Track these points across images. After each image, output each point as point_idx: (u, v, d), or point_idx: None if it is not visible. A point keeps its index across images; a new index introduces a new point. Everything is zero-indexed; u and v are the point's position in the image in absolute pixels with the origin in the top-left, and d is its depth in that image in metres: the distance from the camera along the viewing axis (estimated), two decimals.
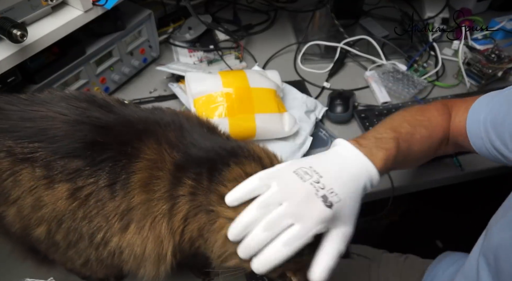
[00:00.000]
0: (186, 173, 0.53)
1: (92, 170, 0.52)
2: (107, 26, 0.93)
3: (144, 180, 0.53)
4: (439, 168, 0.92)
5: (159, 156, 0.53)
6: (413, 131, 0.64)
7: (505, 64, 1.06)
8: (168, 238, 0.54)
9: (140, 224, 0.53)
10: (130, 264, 0.57)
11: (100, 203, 0.52)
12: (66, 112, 0.55)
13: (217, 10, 1.29)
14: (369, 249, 0.96)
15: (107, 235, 0.54)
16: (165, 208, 0.53)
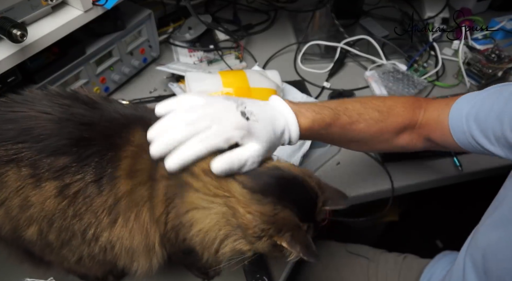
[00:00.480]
0: None
1: (79, 166, 0.52)
2: (107, 26, 0.93)
3: (129, 167, 0.53)
4: (439, 168, 0.92)
5: (142, 144, 0.53)
6: (363, 111, 0.65)
7: (505, 64, 1.06)
8: (153, 228, 0.55)
9: (126, 216, 0.54)
10: (123, 258, 0.57)
11: (88, 199, 0.52)
12: (49, 111, 0.54)
13: (217, 10, 1.29)
14: (368, 248, 0.96)
15: (97, 231, 0.54)
16: (146, 194, 0.54)
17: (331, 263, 0.94)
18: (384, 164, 0.92)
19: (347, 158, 0.93)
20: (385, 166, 0.92)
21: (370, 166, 0.92)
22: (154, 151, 0.52)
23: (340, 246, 0.97)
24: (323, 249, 0.97)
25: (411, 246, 0.99)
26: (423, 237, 1.58)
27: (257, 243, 0.50)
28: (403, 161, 0.93)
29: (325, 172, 0.90)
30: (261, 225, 0.49)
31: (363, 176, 0.90)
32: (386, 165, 0.92)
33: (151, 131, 0.52)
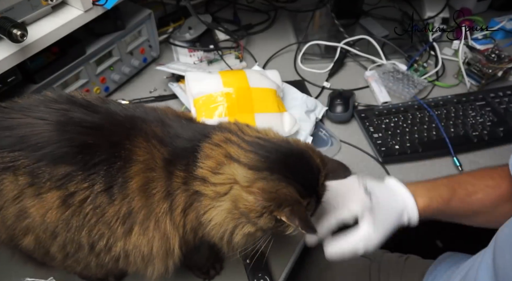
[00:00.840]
0: (176, 165, 0.54)
1: (85, 174, 0.50)
2: (107, 26, 0.93)
3: (141, 184, 0.52)
4: (439, 168, 0.92)
5: (150, 154, 0.53)
6: (475, 181, 0.67)
7: (505, 64, 1.06)
8: (173, 233, 0.55)
9: (144, 226, 0.53)
10: (138, 265, 0.56)
11: (99, 210, 0.51)
12: (46, 117, 0.53)
13: (217, 10, 1.29)
14: None
15: (110, 241, 0.53)
16: (166, 206, 0.54)
17: (333, 263, 0.94)
18: (384, 164, 0.92)
19: (347, 158, 0.93)
20: (385, 165, 0.92)
21: (370, 165, 0.92)
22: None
23: None
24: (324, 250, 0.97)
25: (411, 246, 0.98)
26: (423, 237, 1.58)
27: (260, 221, 0.52)
28: (403, 161, 0.93)
29: None
30: (263, 203, 0.50)
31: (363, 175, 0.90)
32: (386, 165, 0.92)
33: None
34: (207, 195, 0.53)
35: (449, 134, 0.95)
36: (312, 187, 0.54)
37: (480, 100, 1.03)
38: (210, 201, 0.53)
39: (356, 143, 0.96)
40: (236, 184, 0.52)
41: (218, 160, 0.53)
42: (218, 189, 0.53)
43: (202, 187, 0.53)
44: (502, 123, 0.98)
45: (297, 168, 0.53)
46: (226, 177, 0.53)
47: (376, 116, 0.99)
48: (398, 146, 0.93)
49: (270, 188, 0.51)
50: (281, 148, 0.54)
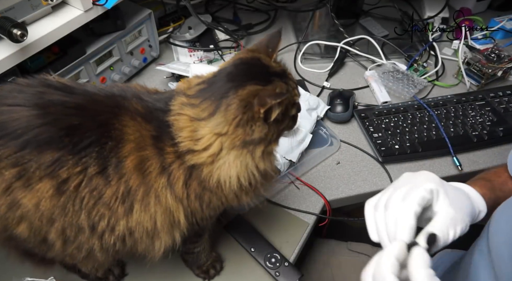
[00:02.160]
0: (164, 141, 0.54)
1: (76, 158, 0.49)
2: (107, 25, 0.93)
3: (136, 163, 0.52)
4: (439, 168, 0.92)
5: (139, 132, 0.53)
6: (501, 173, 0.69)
7: (505, 64, 1.06)
8: (176, 206, 0.55)
9: (144, 202, 0.53)
10: (144, 241, 0.56)
11: (96, 192, 0.51)
12: (21, 102, 0.50)
13: (217, 10, 1.29)
14: (369, 247, 0.96)
15: (112, 221, 0.53)
16: (164, 181, 0.54)
17: (333, 261, 0.94)
18: (383, 164, 0.92)
19: (347, 158, 0.94)
20: (384, 165, 0.92)
21: (369, 165, 0.92)
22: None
23: (341, 245, 0.98)
24: (324, 247, 0.97)
25: None
26: None
27: (256, 136, 0.53)
28: (402, 161, 0.93)
29: (325, 171, 0.91)
30: (244, 123, 0.51)
31: (363, 175, 0.90)
32: (386, 165, 0.92)
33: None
34: (203, 163, 0.53)
35: (448, 134, 0.95)
36: (265, 74, 0.55)
37: (479, 100, 1.03)
38: (211, 166, 0.53)
39: (356, 143, 0.96)
40: (219, 136, 0.52)
41: (188, 127, 0.53)
42: (210, 152, 0.53)
43: (194, 158, 0.53)
44: (501, 123, 0.98)
45: (237, 74, 0.54)
46: (207, 138, 0.53)
47: (376, 116, 0.99)
48: (398, 146, 0.93)
49: (234, 105, 0.51)
50: (218, 74, 0.56)
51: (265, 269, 0.74)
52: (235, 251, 0.77)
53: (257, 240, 0.77)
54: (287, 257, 0.76)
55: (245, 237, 0.77)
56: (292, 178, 0.88)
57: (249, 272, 0.74)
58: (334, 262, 0.94)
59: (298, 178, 0.88)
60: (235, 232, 0.78)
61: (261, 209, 0.83)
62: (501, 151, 0.95)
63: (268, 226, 0.80)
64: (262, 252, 0.75)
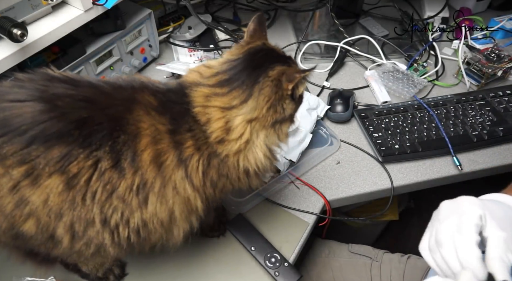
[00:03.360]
0: (181, 134, 0.54)
1: (87, 151, 0.48)
2: (107, 25, 0.93)
3: (153, 156, 0.52)
4: (439, 167, 0.92)
5: (154, 127, 0.53)
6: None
7: (505, 64, 1.06)
8: (194, 195, 0.56)
9: (160, 194, 0.53)
10: (158, 231, 0.56)
11: (110, 186, 0.50)
12: (22, 98, 0.48)
13: (217, 10, 1.29)
14: (370, 249, 0.96)
15: (126, 213, 0.52)
16: (181, 173, 0.54)
17: (334, 262, 0.94)
18: (383, 163, 0.92)
19: (347, 158, 0.94)
20: (384, 165, 0.92)
21: (370, 165, 0.92)
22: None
23: (342, 246, 0.97)
24: (324, 248, 0.97)
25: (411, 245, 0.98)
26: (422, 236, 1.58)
27: (287, 113, 0.58)
28: (403, 160, 0.93)
29: (325, 171, 0.91)
30: (276, 102, 0.56)
31: (363, 175, 0.90)
32: (386, 164, 0.92)
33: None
34: (233, 151, 0.56)
35: (448, 134, 0.95)
36: (279, 56, 0.59)
37: (479, 100, 1.03)
38: (242, 153, 0.57)
39: (356, 143, 0.96)
40: (250, 122, 0.55)
41: (221, 118, 0.55)
42: (243, 139, 0.55)
43: (227, 148, 0.56)
44: (501, 122, 0.98)
45: (260, 60, 0.57)
46: (241, 127, 0.55)
47: (376, 116, 0.99)
48: (397, 146, 0.93)
49: (267, 88, 0.55)
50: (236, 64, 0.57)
51: (265, 268, 0.74)
52: (235, 250, 0.77)
53: (258, 239, 0.77)
54: (287, 256, 0.76)
55: (245, 236, 0.78)
56: (292, 177, 0.88)
57: (249, 272, 0.74)
58: (335, 264, 0.94)
59: (298, 177, 0.88)
60: (236, 231, 0.79)
61: (261, 209, 0.83)
62: (501, 150, 0.96)
63: (268, 226, 0.80)
64: (262, 251, 0.75)
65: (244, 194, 0.80)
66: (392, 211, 1.27)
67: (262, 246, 0.76)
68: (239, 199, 0.80)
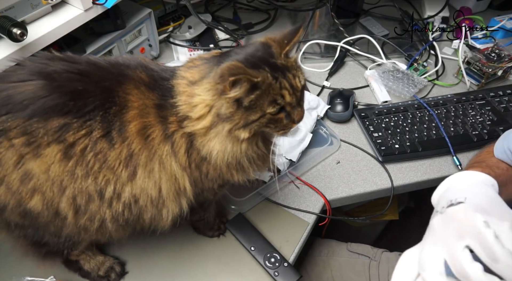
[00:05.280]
0: (167, 109, 0.55)
1: (81, 121, 0.50)
2: (107, 25, 0.93)
3: (139, 128, 0.53)
4: (439, 167, 0.92)
5: (142, 101, 0.54)
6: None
7: (505, 63, 1.06)
8: (181, 173, 0.56)
9: (147, 168, 0.54)
10: (150, 210, 0.57)
11: (101, 155, 0.51)
12: (25, 77, 0.51)
13: (217, 9, 1.29)
14: (369, 248, 0.96)
15: (118, 187, 0.53)
16: (168, 148, 0.54)
17: (332, 262, 0.94)
18: (383, 163, 0.92)
19: (347, 157, 0.94)
20: (384, 165, 0.92)
21: (370, 165, 0.92)
22: None
23: (341, 245, 0.98)
24: (324, 248, 0.97)
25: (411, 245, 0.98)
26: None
27: (222, 111, 0.52)
28: (403, 160, 0.93)
29: (325, 170, 0.91)
30: (219, 94, 0.51)
31: (363, 175, 0.90)
32: (386, 164, 0.92)
33: None
34: (198, 133, 0.54)
35: (449, 133, 0.95)
36: (262, 60, 0.52)
37: (480, 100, 1.03)
38: (204, 137, 0.54)
39: (356, 142, 0.96)
40: (211, 108, 0.52)
41: (185, 91, 0.54)
42: (204, 123, 0.53)
43: (190, 126, 0.54)
44: (501, 122, 0.98)
45: (239, 52, 0.54)
46: (200, 107, 0.53)
47: (376, 116, 0.99)
48: (398, 145, 0.93)
49: (216, 74, 0.50)
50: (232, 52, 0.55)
51: (265, 268, 0.74)
52: (235, 249, 0.77)
53: (257, 239, 0.77)
54: (287, 256, 0.76)
55: (245, 235, 0.78)
56: (292, 177, 0.88)
57: (249, 271, 0.74)
58: (334, 263, 0.94)
59: (298, 177, 0.88)
60: (236, 231, 0.78)
61: (261, 208, 0.83)
62: None
63: (268, 225, 0.80)
64: (262, 251, 0.75)
65: (244, 194, 0.80)
66: (392, 211, 1.27)
67: (262, 246, 0.76)
68: (239, 198, 0.80)
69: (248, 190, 0.80)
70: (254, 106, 0.52)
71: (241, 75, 0.48)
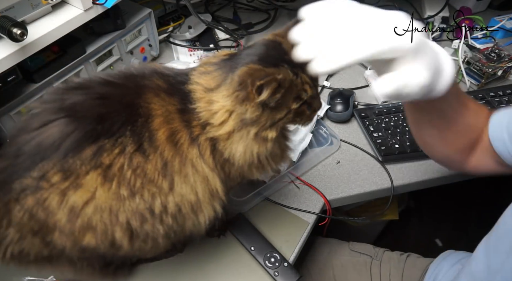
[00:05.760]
0: (189, 113, 0.55)
1: (112, 140, 0.50)
2: (107, 25, 0.93)
3: (168, 135, 0.53)
4: (439, 167, 0.92)
5: (164, 108, 0.54)
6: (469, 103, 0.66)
7: (505, 63, 1.06)
8: (212, 174, 0.56)
9: (182, 173, 0.54)
10: (191, 217, 0.56)
11: (140, 170, 0.51)
12: (45, 120, 0.51)
13: (217, 9, 1.29)
14: (370, 247, 0.96)
15: (163, 199, 0.53)
16: (196, 151, 0.55)
17: (335, 261, 0.94)
18: (384, 163, 0.92)
19: (347, 157, 0.94)
20: (384, 165, 0.92)
21: (370, 164, 0.92)
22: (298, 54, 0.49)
23: (343, 244, 0.98)
24: (325, 247, 0.97)
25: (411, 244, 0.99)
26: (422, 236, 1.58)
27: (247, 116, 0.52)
28: (403, 160, 0.93)
29: (325, 170, 0.91)
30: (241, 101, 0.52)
31: (363, 175, 0.90)
32: (386, 164, 0.92)
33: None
34: (220, 137, 0.55)
35: None
36: (277, 58, 0.53)
37: (479, 99, 1.03)
38: (227, 141, 0.55)
39: (356, 142, 0.96)
40: (232, 113, 0.53)
41: (203, 97, 0.55)
42: (226, 129, 0.54)
43: (212, 131, 0.54)
44: None
45: (251, 53, 0.54)
46: (221, 114, 0.53)
47: (376, 116, 0.99)
48: (398, 145, 0.93)
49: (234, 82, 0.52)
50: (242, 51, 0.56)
51: (265, 268, 0.74)
52: (235, 249, 0.77)
53: (257, 239, 0.77)
54: (287, 256, 0.76)
55: (245, 235, 0.78)
56: (292, 177, 0.88)
57: (248, 271, 0.74)
58: (336, 262, 0.94)
59: (298, 177, 0.88)
60: (236, 230, 0.78)
61: (261, 208, 0.83)
62: None
63: (268, 225, 0.80)
64: (262, 251, 0.75)
65: (244, 194, 0.80)
66: (392, 211, 1.27)
67: (262, 246, 0.76)
68: (239, 198, 0.80)
69: (248, 190, 0.80)
70: (280, 105, 0.53)
71: (265, 78, 0.48)
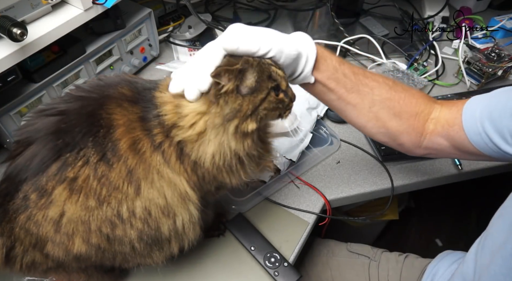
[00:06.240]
0: (150, 121, 0.55)
1: (74, 153, 0.52)
2: (107, 25, 0.93)
3: (130, 144, 0.53)
4: (439, 167, 0.92)
5: (126, 117, 0.54)
6: (376, 78, 0.66)
7: (505, 63, 1.06)
8: (178, 178, 0.56)
9: (148, 179, 0.54)
10: (164, 221, 0.57)
11: (104, 179, 0.52)
12: (22, 145, 0.55)
13: (217, 9, 1.29)
14: (369, 248, 0.96)
15: (129, 204, 0.54)
16: (160, 158, 0.55)
17: (332, 262, 0.94)
18: (384, 163, 0.92)
19: (347, 157, 0.94)
20: (385, 164, 0.92)
21: (370, 164, 0.92)
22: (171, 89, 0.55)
23: (341, 245, 0.98)
24: (323, 248, 0.97)
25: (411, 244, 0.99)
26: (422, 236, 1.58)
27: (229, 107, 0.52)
28: (403, 160, 0.93)
29: (325, 170, 0.91)
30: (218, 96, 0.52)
31: (363, 175, 0.90)
32: (386, 164, 0.92)
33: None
34: (188, 139, 0.54)
35: None
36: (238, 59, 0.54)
37: None
38: (195, 143, 0.54)
39: (356, 142, 0.96)
40: (203, 115, 0.53)
41: (171, 102, 0.55)
42: (196, 130, 0.53)
43: (179, 133, 0.54)
44: None
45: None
46: (191, 116, 0.53)
47: None
48: None
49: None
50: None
51: (265, 268, 0.74)
52: (235, 249, 0.77)
53: (257, 239, 0.77)
54: (287, 256, 0.76)
55: (245, 235, 0.78)
56: (292, 177, 0.88)
57: (249, 271, 0.74)
58: (333, 263, 0.94)
59: (298, 177, 0.88)
60: (236, 230, 0.79)
61: (261, 208, 0.83)
62: None
63: (268, 225, 0.80)
64: (262, 251, 0.75)
65: (244, 194, 0.80)
66: (392, 211, 1.27)
67: (262, 246, 0.76)
68: (239, 198, 0.80)
69: (248, 190, 0.80)
70: (258, 86, 0.53)
71: (239, 64, 0.50)
